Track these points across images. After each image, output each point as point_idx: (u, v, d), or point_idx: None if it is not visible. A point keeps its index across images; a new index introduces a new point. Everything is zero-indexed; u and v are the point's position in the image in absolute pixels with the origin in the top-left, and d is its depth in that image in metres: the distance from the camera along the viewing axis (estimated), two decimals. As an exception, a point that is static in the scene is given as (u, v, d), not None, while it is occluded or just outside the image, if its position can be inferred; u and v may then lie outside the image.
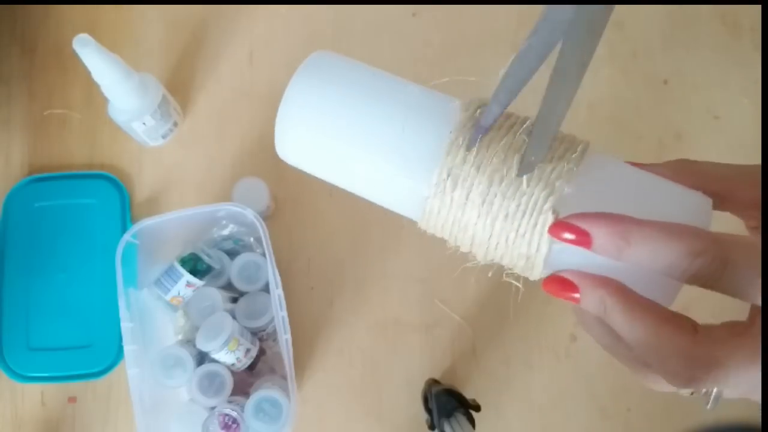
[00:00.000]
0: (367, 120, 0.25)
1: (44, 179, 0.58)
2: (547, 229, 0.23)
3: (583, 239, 0.22)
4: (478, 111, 0.25)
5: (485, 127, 0.24)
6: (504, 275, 0.26)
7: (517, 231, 0.23)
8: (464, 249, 0.26)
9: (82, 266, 0.56)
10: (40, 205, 0.57)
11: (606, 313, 0.22)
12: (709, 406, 0.22)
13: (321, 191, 0.58)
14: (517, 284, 0.26)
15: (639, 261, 0.21)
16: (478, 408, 0.49)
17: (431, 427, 0.50)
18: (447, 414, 0.48)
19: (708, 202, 0.24)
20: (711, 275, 0.20)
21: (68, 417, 0.55)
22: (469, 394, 0.50)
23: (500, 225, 0.23)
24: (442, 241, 0.27)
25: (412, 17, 0.62)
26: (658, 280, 0.22)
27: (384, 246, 0.57)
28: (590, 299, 0.22)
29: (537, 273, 0.24)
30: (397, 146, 0.25)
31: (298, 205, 0.58)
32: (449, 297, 0.56)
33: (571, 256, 0.23)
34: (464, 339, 0.56)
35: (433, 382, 0.53)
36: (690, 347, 0.20)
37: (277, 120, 0.26)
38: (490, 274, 0.31)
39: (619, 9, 0.62)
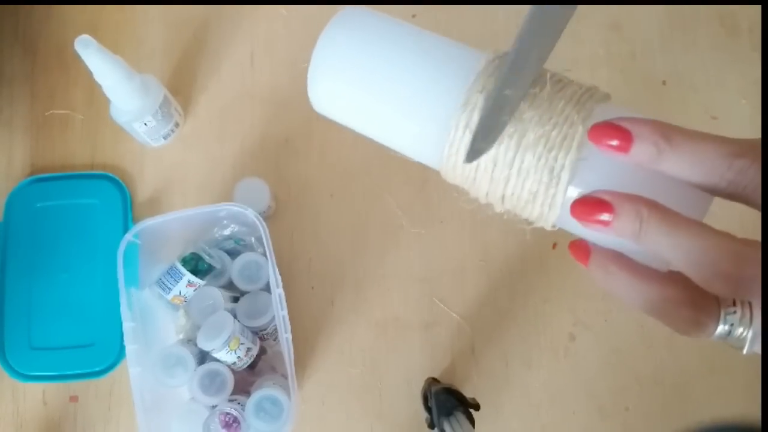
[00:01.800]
0: (395, 68, 0.26)
1: (46, 179, 0.58)
2: (577, 142, 0.22)
3: (625, 141, 0.21)
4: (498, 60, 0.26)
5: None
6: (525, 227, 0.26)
7: (544, 156, 0.23)
8: (482, 193, 0.25)
9: (84, 266, 0.56)
10: (42, 205, 0.57)
11: (642, 230, 0.21)
12: (745, 349, 0.21)
13: (322, 191, 0.59)
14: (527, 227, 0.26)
15: (678, 166, 0.21)
16: (477, 407, 0.49)
17: (431, 425, 0.50)
18: (447, 413, 0.48)
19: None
20: (749, 181, 0.20)
21: (70, 416, 0.55)
22: (468, 393, 0.51)
23: (524, 151, 0.23)
24: (443, 242, 0.27)
25: (412, 18, 0.62)
26: (688, 198, 0.22)
27: (384, 246, 0.57)
28: (626, 216, 0.21)
29: (555, 212, 0.24)
30: (423, 94, 0.25)
31: (298, 206, 0.58)
32: (449, 296, 0.56)
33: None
34: (464, 338, 0.56)
35: (432, 381, 0.53)
36: (741, 247, 0.20)
37: (309, 69, 0.28)
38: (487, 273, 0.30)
39: (617, 10, 0.62)
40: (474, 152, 0.23)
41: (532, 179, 0.23)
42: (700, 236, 0.20)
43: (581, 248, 0.24)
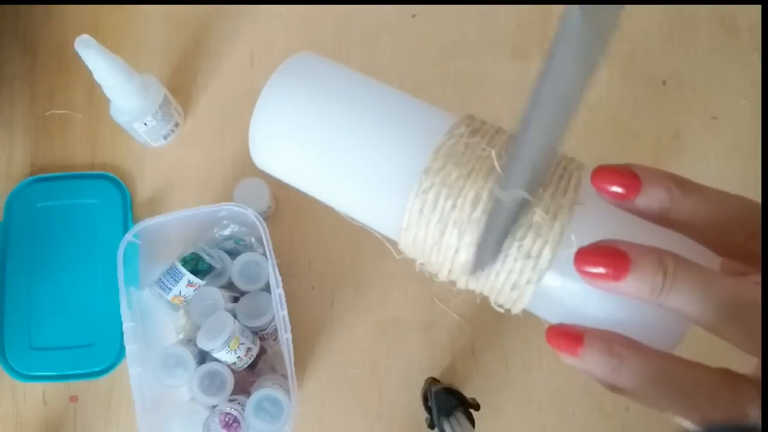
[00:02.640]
0: (343, 133, 0.24)
1: (46, 179, 0.58)
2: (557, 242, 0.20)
3: (632, 185, 0.19)
4: (463, 129, 0.23)
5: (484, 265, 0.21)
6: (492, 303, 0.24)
7: (513, 254, 0.21)
8: (442, 276, 0.23)
9: (84, 266, 0.56)
10: (42, 205, 0.57)
11: (666, 285, 0.18)
12: None
13: (321, 191, 0.58)
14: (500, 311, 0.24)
15: (692, 216, 0.19)
16: (477, 407, 0.49)
17: (431, 425, 0.50)
18: (447, 413, 0.48)
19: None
20: (757, 249, 0.18)
21: (70, 416, 0.55)
22: (468, 393, 0.50)
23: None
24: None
25: (412, 18, 0.62)
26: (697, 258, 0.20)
27: (384, 246, 0.57)
28: (647, 267, 0.18)
29: (522, 303, 0.22)
30: (376, 162, 0.23)
31: (298, 206, 0.58)
32: (449, 296, 0.56)
33: (567, 287, 0.21)
34: (464, 338, 0.56)
35: (432, 381, 0.53)
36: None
37: (251, 125, 0.25)
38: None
39: (617, 10, 0.62)
40: (479, 265, 0.21)
41: (509, 267, 0.21)
42: (735, 287, 0.17)
43: (567, 333, 0.20)
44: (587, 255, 0.19)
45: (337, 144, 0.24)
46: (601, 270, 0.19)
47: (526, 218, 0.20)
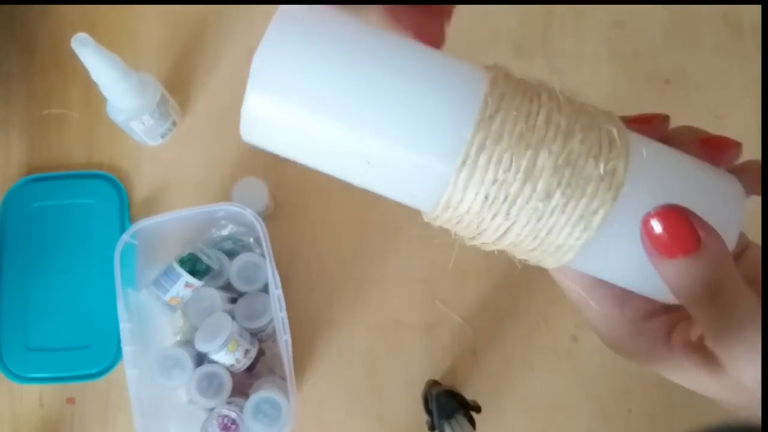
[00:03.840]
0: (368, 88, 0.20)
1: (43, 179, 0.58)
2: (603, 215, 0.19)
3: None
4: (508, 83, 0.21)
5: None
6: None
7: (563, 220, 0.20)
8: (487, 235, 0.21)
9: (81, 266, 0.56)
10: (38, 205, 0.57)
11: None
12: None
13: (321, 191, 0.58)
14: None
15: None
16: (478, 409, 0.49)
17: (431, 428, 0.50)
18: (447, 415, 0.48)
19: (741, 191, 0.22)
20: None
21: (67, 418, 0.54)
22: (469, 395, 0.50)
23: (540, 214, 0.20)
24: (443, 242, 0.25)
25: (412, 16, 0.62)
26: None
27: (384, 247, 0.57)
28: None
29: (562, 262, 0.21)
30: (409, 123, 0.20)
31: (297, 206, 0.58)
32: (449, 297, 0.56)
33: (610, 249, 0.21)
34: (465, 340, 0.55)
35: (433, 383, 0.53)
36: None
37: (248, 91, 0.21)
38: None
39: (620, 8, 0.62)
40: None
41: (557, 232, 0.20)
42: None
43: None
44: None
45: (364, 101, 0.20)
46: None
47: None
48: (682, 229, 0.20)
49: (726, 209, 0.21)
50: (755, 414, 0.20)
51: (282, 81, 0.20)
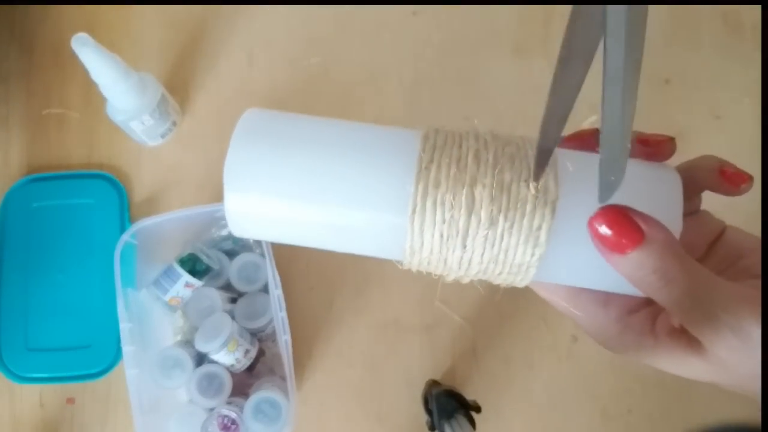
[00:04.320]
0: (325, 168, 0.23)
1: (42, 179, 0.58)
2: (545, 230, 0.22)
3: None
4: (438, 136, 0.23)
5: (549, 150, 0.22)
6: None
7: (513, 241, 0.22)
8: (453, 269, 0.24)
9: (81, 266, 0.56)
10: (38, 205, 0.57)
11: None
12: None
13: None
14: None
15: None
16: (478, 409, 0.49)
17: (431, 428, 0.50)
18: (447, 415, 0.48)
19: (678, 178, 0.24)
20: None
21: (67, 418, 0.54)
22: (469, 395, 0.50)
23: (492, 240, 0.22)
24: None
25: (412, 16, 0.62)
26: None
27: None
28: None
29: (528, 279, 0.24)
30: (361, 189, 0.23)
31: (297, 205, 0.58)
32: (449, 297, 0.56)
33: (564, 261, 0.23)
34: (464, 340, 0.55)
35: (433, 383, 0.53)
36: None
37: (226, 194, 0.23)
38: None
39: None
40: (610, 188, 0.21)
41: (513, 252, 0.22)
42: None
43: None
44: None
45: (320, 181, 0.23)
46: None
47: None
48: (624, 225, 0.21)
49: (664, 198, 0.23)
50: (748, 390, 0.21)
51: (249, 180, 0.23)
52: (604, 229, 0.21)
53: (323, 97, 0.60)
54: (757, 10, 0.61)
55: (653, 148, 0.25)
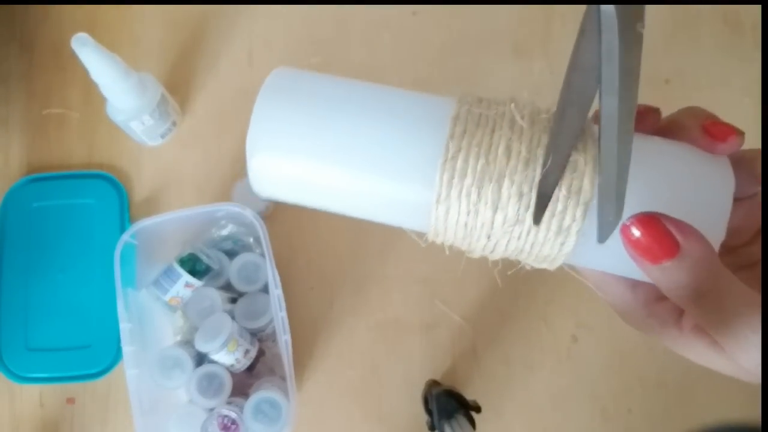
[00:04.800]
0: (352, 131, 0.22)
1: (42, 179, 0.58)
2: (580, 222, 0.21)
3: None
4: (469, 118, 0.22)
5: (548, 195, 0.21)
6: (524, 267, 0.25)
7: (540, 237, 0.21)
8: (477, 253, 0.23)
9: (81, 266, 0.56)
10: (38, 205, 0.57)
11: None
12: None
13: (321, 191, 0.58)
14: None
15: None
16: (478, 409, 0.49)
17: (432, 428, 0.50)
18: (447, 415, 0.48)
19: (728, 166, 0.22)
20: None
21: (67, 418, 0.54)
22: (469, 395, 0.50)
23: (518, 234, 0.22)
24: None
25: (412, 16, 0.62)
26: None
27: (384, 246, 0.57)
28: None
29: (555, 265, 0.23)
30: (389, 158, 0.22)
31: (297, 205, 0.58)
32: (449, 297, 0.56)
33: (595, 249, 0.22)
34: (465, 340, 0.55)
35: (433, 383, 0.53)
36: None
37: (248, 151, 0.23)
38: (497, 267, 0.30)
39: (620, 8, 0.62)
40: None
41: (539, 248, 0.22)
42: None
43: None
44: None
45: (349, 144, 0.22)
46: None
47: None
48: (659, 236, 0.20)
49: (711, 199, 0.21)
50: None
51: (273, 139, 0.23)
52: (637, 237, 0.20)
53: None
54: (756, 10, 0.61)
55: (717, 139, 0.23)
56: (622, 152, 0.19)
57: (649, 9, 0.70)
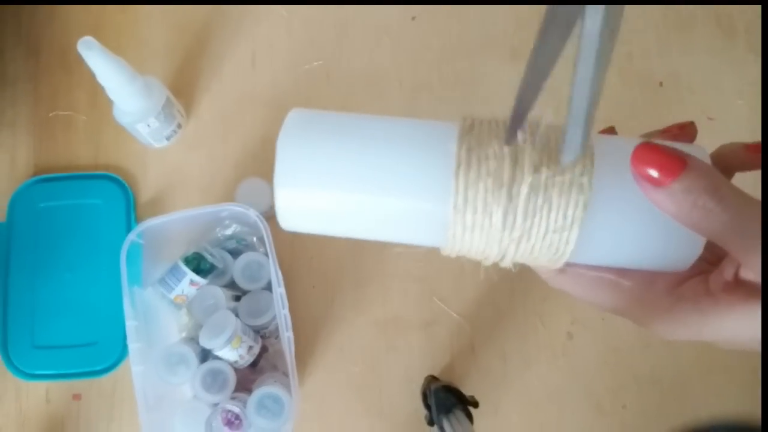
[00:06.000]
0: (369, 161, 0.24)
1: (50, 180, 0.58)
2: (582, 204, 0.22)
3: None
4: (475, 124, 0.25)
5: (522, 115, 0.22)
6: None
7: (552, 223, 0.23)
8: (490, 260, 0.26)
9: (87, 265, 0.56)
10: (45, 205, 0.57)
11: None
12: None
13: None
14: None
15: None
16: (476, 404, 0.50)
17: (430, 423, 0.51)
18: (446, 410, 0.48)
19: (705, 152, 0.25)
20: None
21: (73, 414, 0.55)
22: (467, 391, 0.51)
23: (530, 222, 0.23)
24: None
25: (411, 20, 0.63)
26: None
27: (384, 245, 0.58)
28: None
29: (571, 245, 0.24)
30: (405, 179, 0.24)
31: (299, 206, 0.59)
32: (448, 295, 0.57)
33: (597, 244, 0.24)
34: (463, 336, 0.56)
35: (432, 379, 0.54)
36: None
37: (276, 191, 0.25)
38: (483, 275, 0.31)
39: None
40: (574, 149, 0.22)
41: (551, 230, 0.23)
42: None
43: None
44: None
45: (366, 172, 0.24)
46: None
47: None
48: (665, 154, 0.21)
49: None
50: None
51: (297, 176, 0.25)
52: (646, 166, 0.21)
53: (324, 99, 0.61)
54: (750, 12, 0.62)
55: (677, 130, 0.26)
56: (598, 75, 0.19)
57: (643, 11, 0.71)
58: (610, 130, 0.28)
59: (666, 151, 0.21)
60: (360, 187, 0.24)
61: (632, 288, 0.25)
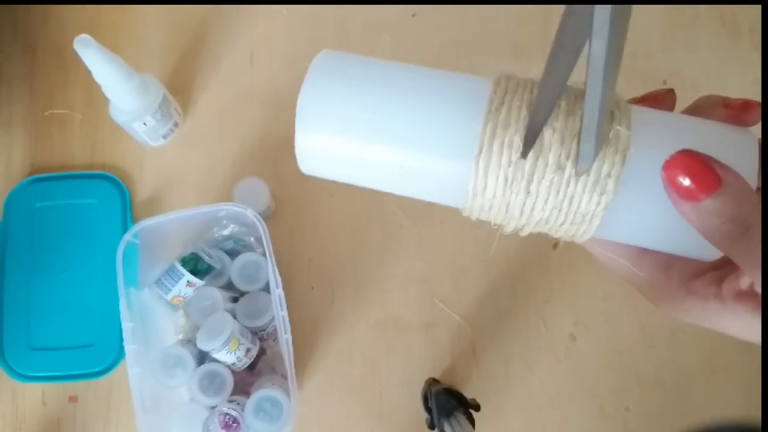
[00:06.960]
0: (394, 110, 0.24)
1: (45, 179, 0.58)
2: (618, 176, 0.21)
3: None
4: (509, 82, 0.23)
5: (537, 132, 0.22)
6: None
7: (580, 188, 0.22)
8: (511, 226, 0.24)
9: (83, 266, 0.56)
10: (41, 205, 0.57)
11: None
12: None
13: (321, 191, 0.58)
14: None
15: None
16: (477, 407, 0.49)
17: (431, 426, 0.50)
18: (447, 413, 0.48)
19: (754, 140, 0.23)
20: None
21: (69, 416, 0.55)
22: (468, 394, 0.51)
23: (548, 214, 0.22)
24: (443, 242, 0.27)
25: (412, 18, 0.62)
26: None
27: (384, 246, 0.57)
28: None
29: (591, 232, 0.23)
30: (431, 131, 0.23)
31: (298, 205, 0.58)
32: (449, 297, 0.56)
33: (627, 214, 0.23)
34: (464, 339, 0.56)
35: (432, 382, 0.53)
36: None
37: (297, 131, 0.24)
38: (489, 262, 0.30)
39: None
40: (585, 160, 0.21)
41: (578, 200, 0.22)
42: None
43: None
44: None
45: (392, 120, 0.23)
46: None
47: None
48: (700, 170, 0.20)
49: (739, 155, 0.22)
50: None
51: (319, 118, 0.24)
52: (679, 174, 0.20)
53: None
54: (754, 11, 0.62)
55: (736, 111, 0.24)
56: (606, 92, 0.19)
57: (647, 10, 0.70)
58: (668, 95, 0.26)
59: (704, 163, 0.20)
60: (384, 136, 0.23)
61: (647, 272, 0.25)
